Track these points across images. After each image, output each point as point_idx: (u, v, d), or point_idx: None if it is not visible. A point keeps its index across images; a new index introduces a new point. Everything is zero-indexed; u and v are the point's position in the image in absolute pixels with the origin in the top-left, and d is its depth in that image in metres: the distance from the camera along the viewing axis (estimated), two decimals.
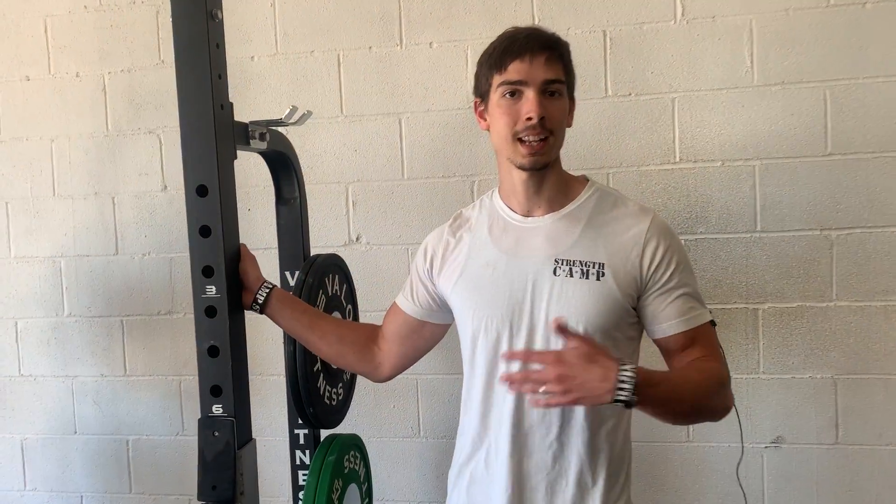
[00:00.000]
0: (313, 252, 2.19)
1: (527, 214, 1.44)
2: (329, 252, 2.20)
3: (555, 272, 1.38)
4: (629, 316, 1.39)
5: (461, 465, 1.49)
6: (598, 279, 1.36)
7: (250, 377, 1.48)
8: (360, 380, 2.24)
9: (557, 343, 1.32)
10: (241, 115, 1.50)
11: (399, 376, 2.21)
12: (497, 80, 1.36)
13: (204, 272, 1.40)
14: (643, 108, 2.06)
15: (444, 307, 1.54)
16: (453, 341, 1.54)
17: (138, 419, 2.44)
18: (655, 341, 1.43)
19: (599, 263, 1.37)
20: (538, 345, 1.38)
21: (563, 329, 1.24)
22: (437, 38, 2.15)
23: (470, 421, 1.47)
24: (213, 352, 1.41)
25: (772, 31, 1.99)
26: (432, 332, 1.60)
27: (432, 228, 2.17)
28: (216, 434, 1.40)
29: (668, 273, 1.38)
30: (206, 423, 1.41)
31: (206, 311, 1.40)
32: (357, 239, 2.24)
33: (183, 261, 2.02)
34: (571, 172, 1.48)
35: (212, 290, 1.40)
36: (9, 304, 2.50)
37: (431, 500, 2.26)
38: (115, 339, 2.43)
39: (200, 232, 1.39)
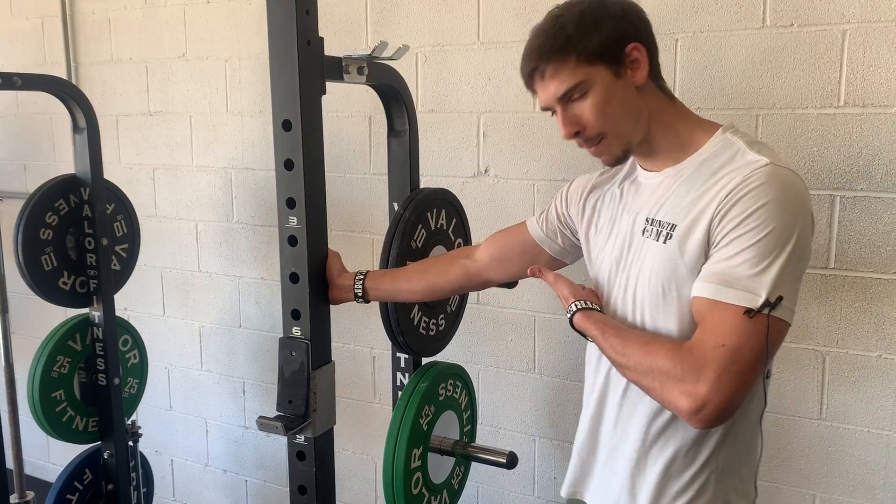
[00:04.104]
0: (438, 184, 2.22)
1: (649, 169, 1.32)
2: (458, 182, 2.23)
3: (643, 232, 1.27)
4: None
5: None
6: (664, 242, 1.21)
7: None
8: (479, 312, 2.29)
9: (641, 309, 1.26)
10: (384, 36, 1.50)
11: (518, 312, 2.24)
12: None
13: (287, 203, 1.47)
14: (806, 41, 1.78)
15: (568, 245, 1.52)
16: (571, 275, 1.50)
17: None
18: None
19: (672, 225, 1.21)
20: (629, 307, 1.29)
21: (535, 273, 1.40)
22: None
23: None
24: (294, 278, 1.50)
25: None
26: (545, 261, 1.55)
27: (560, 165, 2.12)
28: (293, 354, 1.51)
29: (730, 228, 1.11)
30: (285, 344, 1.51)
31: (289, 241, 1.49)
32: (485, 171, 2.22)
33: (333, 180, 2.12)
34: (709, 118, 1.29)
35: (293, 220, 1.47)
36: (191, 207, 2.81)
37: (542, 435, 2.28)
38: (273, 247, 2.65)
39: (285, 165, 1.46)
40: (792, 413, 1.92)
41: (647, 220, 1.27)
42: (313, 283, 1.50)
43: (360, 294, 1.59)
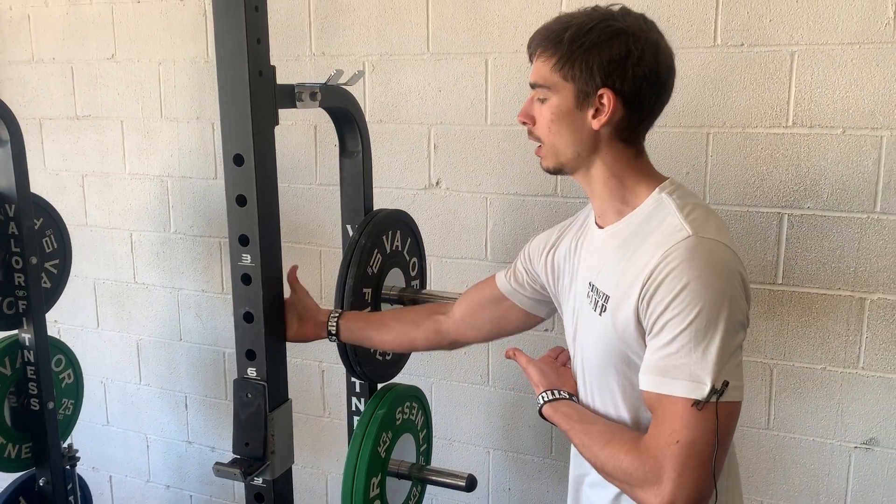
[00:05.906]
0: (389, 196, 2.17)
1: (598, 223, 1.27)
2: (409, 194, 2.19)
3: (587, 296, 1.24)
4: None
5: None
6: (600, 314, 1.19)
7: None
8: None
9: (592, 389, 1.27)
10: (329, 47, 1.43)
11: None
12: None
13: (240, 241, 1.40)
14: (756, 61, 1.80)
15: (538, 296, 1.47)
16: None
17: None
18: None
19: (606, 296, 1.17)
20: (582, 386, 1.31)
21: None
22: None
23: None
24: (248, 318, 1.44)
25: None
26: (518, 317, 1.51)
27: (513, 179, 2.10)
28: (249, 396, 1.45)
29: (658, 313, 1.07)
30: (241, 385, 1.46)
31: (242, 279, 1.42)
32: (437, 183, 2.18)
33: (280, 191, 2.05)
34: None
35: (247, 258, 1.41)
36: (126, 216, 2.68)
37: (496, 447, 2.28)
38: (214, 258, 2.55)
39: (237, 201, 1.39)
40: (740, 423, 1.93)
41: (589, 285, 1.24)
42: (269, 322, 1.44)
43: (333, 332, 1.55)
